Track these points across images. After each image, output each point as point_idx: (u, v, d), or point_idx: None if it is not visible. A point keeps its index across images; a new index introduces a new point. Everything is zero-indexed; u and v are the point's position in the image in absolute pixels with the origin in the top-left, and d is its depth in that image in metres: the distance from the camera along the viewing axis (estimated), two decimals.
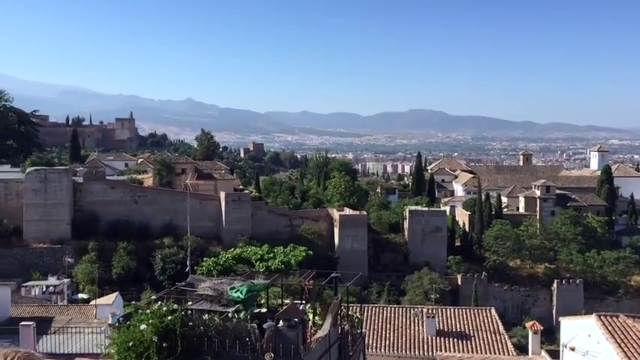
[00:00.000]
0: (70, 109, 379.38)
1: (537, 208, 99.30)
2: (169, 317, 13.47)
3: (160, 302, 14.92)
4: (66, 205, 76.33)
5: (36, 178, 76.16)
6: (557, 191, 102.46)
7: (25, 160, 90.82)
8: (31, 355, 2.47)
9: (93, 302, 48.16)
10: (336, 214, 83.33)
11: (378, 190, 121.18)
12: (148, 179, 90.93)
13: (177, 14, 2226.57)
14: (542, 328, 29.81)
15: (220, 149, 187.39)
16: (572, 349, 22.66)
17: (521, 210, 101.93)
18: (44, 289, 59.36)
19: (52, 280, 63.22)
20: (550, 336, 54.28)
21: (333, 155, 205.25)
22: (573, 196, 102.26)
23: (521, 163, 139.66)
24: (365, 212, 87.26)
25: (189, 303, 16.50)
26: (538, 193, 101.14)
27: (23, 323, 22.83)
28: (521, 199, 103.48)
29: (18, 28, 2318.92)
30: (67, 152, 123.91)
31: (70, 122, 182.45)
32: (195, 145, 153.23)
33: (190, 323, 13.80)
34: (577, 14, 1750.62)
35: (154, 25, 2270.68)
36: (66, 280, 63.46)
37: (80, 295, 62.24)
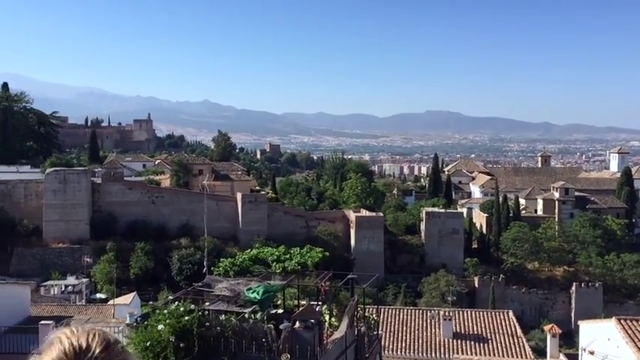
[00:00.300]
0: (88, 110, 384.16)
1: (556, 211, 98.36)
2: (186, 317, 13.56)
3: (177, 302, 15.02)
4: (85, 206, 77.14)
5: (55, 178, 77.06)
6: (577, 193, 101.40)
7: (45, 161, 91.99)
8: (114, 341, 2.51)
9: (111, 302, 48.54)
10: (352, 216, 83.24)
11: (395, 191, 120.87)
12: (166, 180, 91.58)
13: (194, 17, 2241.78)
14: (560, 331, 29.56)
15: (237, 150, 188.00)
16: (592, 353, 22.41)
17: (540, 212, 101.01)
18: (63, 288, 59.96)
19: (70, 280, 63.84)
20: (569, 339, 53.70)
21: (350, 156, 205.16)
22: (592, 199, 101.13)
23: (539, 165, 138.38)
24: (381, 214, 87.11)
25: (206, 303, 16.59)
26: (557, 195, 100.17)
27: (43, 322, 23.06)
28: (540, 201, 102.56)
29: (37, 30, 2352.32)
30: (86, 153, 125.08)
31: (89, 123, 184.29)
32: (212, 147, 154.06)
33: (207, 323, 13.88)
34: (596, 15, 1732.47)
35: (172, 28, 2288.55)
36: (84, 280, 64.08)
37: (98, 295, 62.79)
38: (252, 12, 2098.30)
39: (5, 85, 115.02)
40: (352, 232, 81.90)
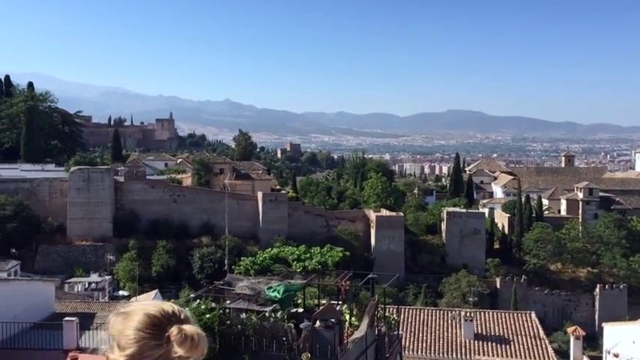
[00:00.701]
0: (111, 109, 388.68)
1: (580, 211, 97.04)
2: (208, 315, 13.63)
3: (198, 300, 15.11)
4: (108, 204, 78.06)
5: (79, 177, 78.10)
6: (601, 194, 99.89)
7: (69, 160, 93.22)
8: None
9: (133, 299, 49.05)
10: (372, 215, 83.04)
11: (416, 191, 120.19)
12: (187, 179, 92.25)
13: (217, 18, 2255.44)
14: (584, 333, 29.15)
15: (257, 149, 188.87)
16: (616, 356, 22.08)
17: (563, 213, 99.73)
18: (86, 285, 60.80)
19: (94, 277, 64.71)
20: (592, 342, 52.97)
21: (370, 156, 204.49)
22: (617, 199, 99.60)
23: (562, 165, 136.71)
24: (402, 213, 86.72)
25: (227, 302, 16.67)
26: (581, 195, 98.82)
27: (67, 319, 23.36)
28: (563, 202, 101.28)
29: (62, 31, 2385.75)
30: (109, 152, 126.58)
31: (112, 123, 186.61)
32: (233, 146, 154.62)
33: (228, 322, 13.95)
34: (621, 15, 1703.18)
35: (194, 29, 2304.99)
36: (107, 277, 64.91)
37: (121, 292, 63.54)
38: (274, 13, 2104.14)
39: (31, 84, 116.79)
40: (372, 231, 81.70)
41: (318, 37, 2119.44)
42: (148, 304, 2.57)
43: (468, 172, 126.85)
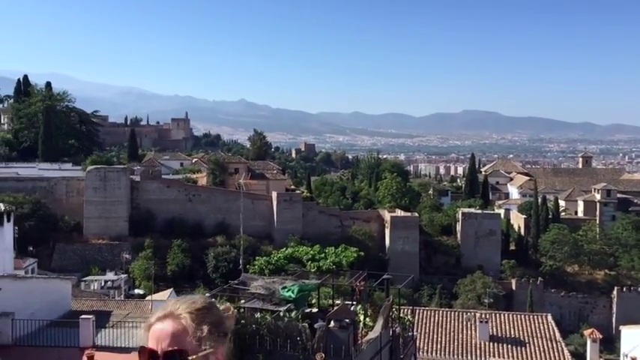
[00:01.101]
0: (127, 109, 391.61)
1: (597, 213, 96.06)
2: None
3: (213, 300, 15.14)
4: (124, 203, 78.64)
5: (96, 176, 78.78)
6: (619, 195, 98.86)
7: (86, 159, 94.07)
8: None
9: (148, 298, 49.33)
10: (387, 216, 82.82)
11: (430, 191, 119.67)
12: (202, 178, 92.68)
13: (232, 19, 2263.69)
14: (601, 336, 28.83)
15: (272, 149, 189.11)
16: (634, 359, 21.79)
17: (580, 214, 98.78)
18: (102, 283, 61.27)
19: (110, 276, 65.20)
20: (609, 345, 52.43)
21: (385, 156, 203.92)
22: (635, 201, 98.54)
23: (580, 166, 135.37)
24: (417, 214, 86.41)
25: (242, 301, 16.69)
26: (598, 196, 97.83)
27: (83, 316, 23.56)
28: (580, 203, 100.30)
29: (79, 32, 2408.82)
30: (126, 151, 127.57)
31: (128, 122, 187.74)
32: (248, 145, 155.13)
33: (243, 321, 13.96)
34: (637, 15, 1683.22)
35: (210, 30, 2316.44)
36: (123, 276, 65.35)
37: (136, 291, 63.91)
38: (288, 14, 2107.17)
39: (49, 84, 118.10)
40: (387, 232, 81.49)
41: (334, 38, 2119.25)
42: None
43: (483, 173, 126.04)
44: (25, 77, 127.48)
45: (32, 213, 72.52)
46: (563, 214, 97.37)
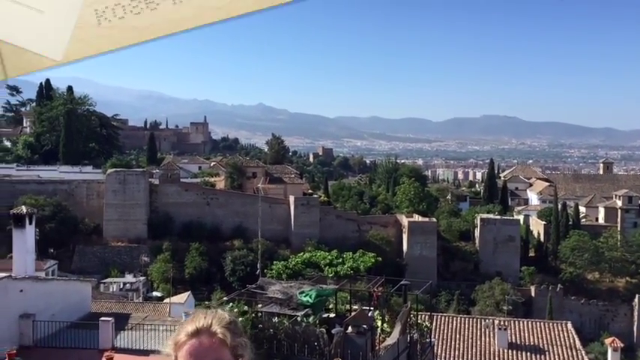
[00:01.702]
0: (147, 112, 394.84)
1: (618, 219, 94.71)
2: (240, 319, 13.68)
3: (230, 303, 15.20)
4: (143, 206, 79.30)
5: (115, 179, 79.59)
6: None
7: (106, 162, 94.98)
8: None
9: (166, 300, 49.65)
10: (405, 221, 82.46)
11: (449, 196, 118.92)
12: (220, 182, 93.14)
13: (249, 24, 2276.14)
14: (622, 345, 28.40)
15: (290, 153, 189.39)
16: None
17: (601, 221, 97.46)
18: (121, 286, 61.82)
19: (128, 278, 65.76)
20: (630, 353, 51.71)
21: (403, 161, 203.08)
22: None
23: (601, 172, 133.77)
24: (435, 219, 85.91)
25: (260, 305, 16.73)
26: (619, 203, 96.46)
27: (103, 319, 23.76)
28: (601, 210, 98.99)
29: None
30: (145, 155, 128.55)
31: (148, 126, 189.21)
32: (266, 149, 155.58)
33: (260, 325, 14.00)
34: None
35: (228, 35, 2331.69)
36: (142, 278, 65.87)
37: (154, 293, 64.38)
38: (306, 20, 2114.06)
39: (70, 88, 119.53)
40: (404, 237, 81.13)
41: (352, 43, 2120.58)
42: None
43: (502, 178, 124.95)
44: (48, 81, 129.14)
45: (53, 215, 73.41)
46: (583, 220, 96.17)
